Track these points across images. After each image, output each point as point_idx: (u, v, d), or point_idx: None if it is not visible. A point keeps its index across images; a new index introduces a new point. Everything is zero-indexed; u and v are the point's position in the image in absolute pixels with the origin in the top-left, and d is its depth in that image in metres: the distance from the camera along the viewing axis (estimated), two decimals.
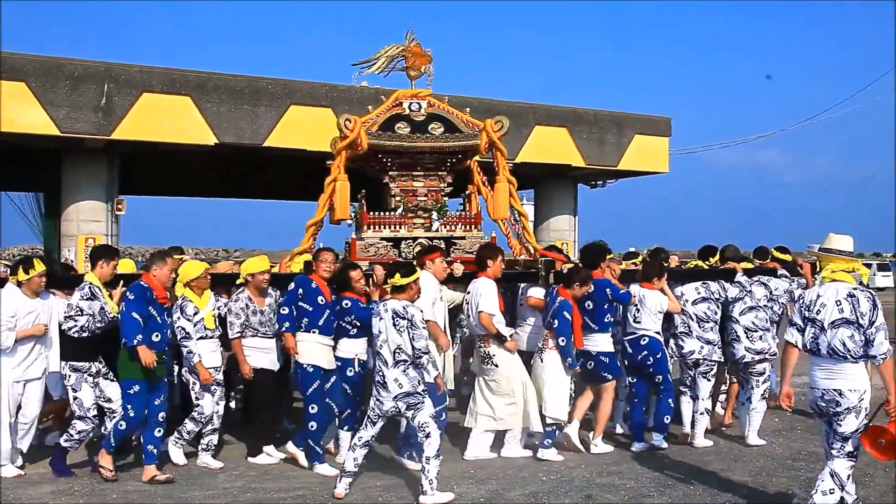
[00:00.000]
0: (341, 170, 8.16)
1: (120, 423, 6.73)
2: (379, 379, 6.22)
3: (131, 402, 6.69)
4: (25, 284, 6.82)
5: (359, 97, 20.37)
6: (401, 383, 6.13)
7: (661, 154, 25.53)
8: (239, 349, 7.21)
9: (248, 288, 7.28)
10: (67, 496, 6.30)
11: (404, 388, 6.13)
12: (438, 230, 8.29)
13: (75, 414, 6.88)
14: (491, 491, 6.36)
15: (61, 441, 6.90)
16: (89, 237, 18.77)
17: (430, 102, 8.59)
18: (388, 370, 6.15)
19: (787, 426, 8.63)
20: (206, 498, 6.24)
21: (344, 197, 8.10)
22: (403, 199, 8.28)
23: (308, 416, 6.98)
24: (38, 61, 17.20)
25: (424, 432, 6.11)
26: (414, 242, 8.15)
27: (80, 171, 19.04)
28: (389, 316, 6.19)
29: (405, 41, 8.65)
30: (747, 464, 7.14)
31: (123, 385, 6.75)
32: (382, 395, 6.17)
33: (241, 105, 18.89)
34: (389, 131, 8.18)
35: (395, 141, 8.11)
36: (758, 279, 8.38)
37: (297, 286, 7.11)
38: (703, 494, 6.28)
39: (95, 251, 7.20)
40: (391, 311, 6.21)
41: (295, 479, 6.76)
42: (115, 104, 17.66)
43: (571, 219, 26.32)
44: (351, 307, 7.13)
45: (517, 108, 22.43)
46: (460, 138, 8.33)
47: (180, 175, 24.00)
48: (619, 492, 6.32)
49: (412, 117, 8.35)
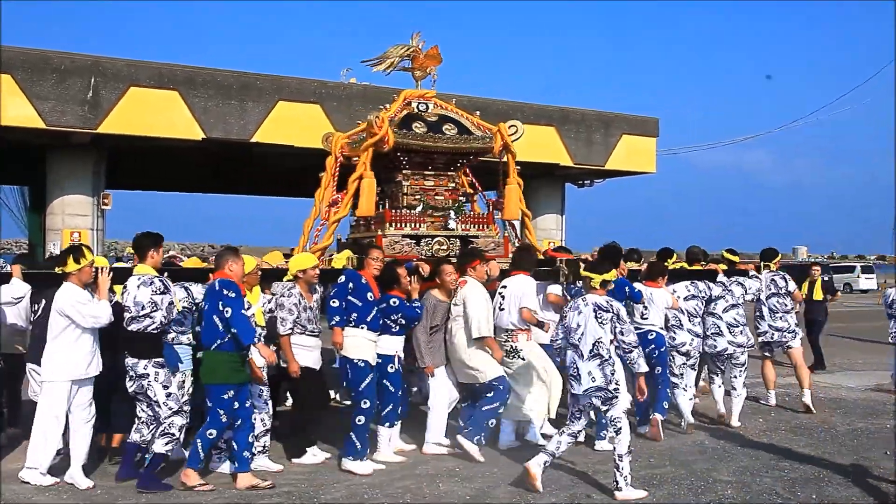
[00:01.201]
0: (367, 166, 8.21)
1: (209, 430, 6.32)
2: (573, 372, 6.34)
3: (223, 408, 6.30)
4: (75, 275, 6.37)
5: (347, 94, 20.37)
6: (594, 377, 6.25)
7: (648, 154, 25.66)
8: (288, 346, 6.96)
9: (298, 284, 7.15)
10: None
11: (597, 381, 6.24)
12: (455, 229, 8.59)
13: (165, 413, 6.37)
14: (476, 489, 6.37)
15: (158, 448, 6.32)
16: (74, 231, 18.69)
17: (437, 103, 8.81)
18: (582, 363, 6.28)
19: (772, 427, 8.68)
20: (190, 495, 6.21)
21: (371, 193, 8.20)
22: (423, 198, 8.52)
23: (359, 410, 6.90)
24: (25, 54, 17.11)
25: (616, 427, 6.24)
26: (432, 240, 8.41)
27: (66, 164, 18.96)
28: (590, 310, 6.33)
29: (410, 41, 8.79)
30: (732, 463, 7.18)
31: (215, 390, 6.35)
32: (575, 388, 6.31)
33: (228, 100, 18.85)
34: (406, 129, 8.31)
35: (417, 140, 8.32)
36: (735, 279, 9.16)
37: (347, 280, 7.11)
38: (687, 494, 6.30)
39: (141, 241, 6.61)
40: (592, 304, 6.36)
41: (281, 475, 6.73)
42: (101, 98, 17.58)
43: (559, 218, 26.41)
44: (398, 305, 7.19)
45: (505, 107, 22.46)
46: (476, 140, 8.66)
47: (167, 170, 23.90)
48: (603, 491, 6.34)
49: (425, 117, 8.56)
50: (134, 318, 6.33)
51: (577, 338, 6.34)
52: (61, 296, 6.30)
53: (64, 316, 6.28)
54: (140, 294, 6.33)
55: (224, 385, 6.33)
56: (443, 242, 8.43)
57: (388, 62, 8.82)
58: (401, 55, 8.80)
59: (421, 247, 8.33)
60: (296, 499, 6.12)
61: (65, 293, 6.31)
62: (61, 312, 6.28)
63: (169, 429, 6.34)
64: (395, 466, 7.00)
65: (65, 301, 6.27)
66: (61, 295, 6.31)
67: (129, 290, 6.40)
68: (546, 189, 25.31)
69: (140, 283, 6.37)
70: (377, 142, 8.14)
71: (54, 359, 6.33)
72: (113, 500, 6.10)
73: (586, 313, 6.35)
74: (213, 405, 6.34)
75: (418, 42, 8.85)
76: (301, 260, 7.29)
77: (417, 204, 8.50)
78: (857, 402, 10.19)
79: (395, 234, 8.21)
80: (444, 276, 7.43)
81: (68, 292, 6.32)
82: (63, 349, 6.32)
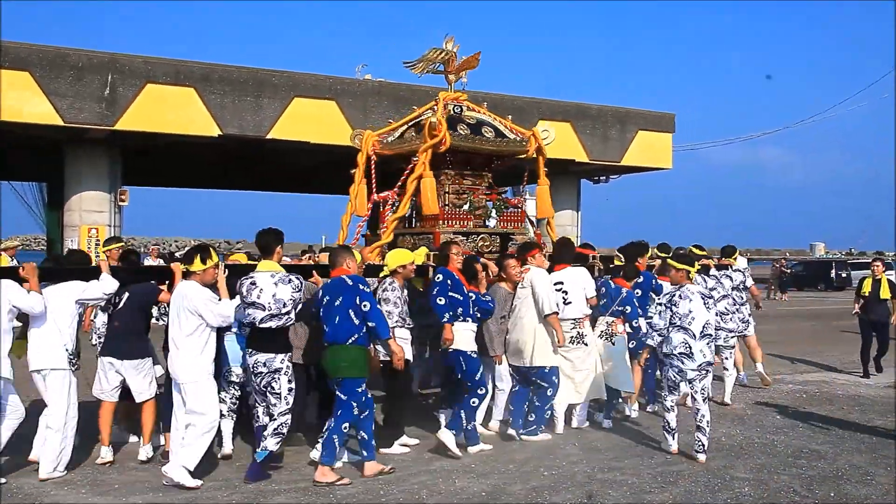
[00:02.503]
0: (426, 167, 8.58)
1: (344, 424, 6.43)
2: (684, 350, 7.20)
3: (357, 400, 6.45)
4: (199, 274, 6.43)
5: (362, 90, 20.39)
6: (704, 353, 7.21)
7: (664, 150, 25.53)
8: (394, 340, 6.93)
9: (396, 278, 7.42)
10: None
11: (707, 357, 7.23)
12: (495, 226, 9.15)
13: (282, 408, 6.44)
14: (492, 485, 6.36)
15: (271, 446, 6.42)
16: (92, 227, 18.81)
17: (469, 106, 9.22)
18: (694, 342, 7.20)
19: (790, 424, 8.63)
20: (206, 489, 6.23)
21: (433, 193, 8.57)
22: (470, 197, 9.02)
23: (477, 395, 7.30)
24: (43, 51, 17.21)
25: (704, 395, 7.25)
26: (477, 237, 8.89)
27: (83, 161, 19.08)
28: (699, 297, 7.29)
29: (444, 45, 9.17)
30: (749, 460, 7.14)
31: (351, 383, 6.46)
32: (686, 364, 7.20)
33: (244, 97, 18.90)
34: (452, 131, 8.63)
35: (466, 142, 8.75)
36: (724, 273, 10.24)
37: (445, 278, 7.36)
38: (703, 491, 6.27)
39: (267, 238, 6.69)
40: (698, 293, 7.34)
41: (297, 470, 6.76)
42: (118, 94, 17.68)
43: (574, 214, 26.34)
44: (476, 299, 7.51)
45: (521, 103, 22.43)
46: (514, 143, 9.16)
47: (183, 166, 24.02)
48: (620, 487, 6.31)
49: (466, 120, 8.96)
50: (274, 314, 6.40)
51: (688, 322, 7.21)
52: (193, 294, 6.34)
53: (197, 315, 6.34)
54: (280, 291, 6.41)
55: (360, 378, 6.52)
56: (486, 239, 8.95)
57: (423, 65, 9.16)
58: (436, 59, 9.13)
59: (468, 243, 8.71)
60: (311, 495, 6.12)
61: (195, 292, 6.36)
62: (195, 311, 6.33)
63: (281, 428, 6.43)
64: (409, 462, 7.01)
65: (198, 300, 6.33)
66: (192, 294, 6.35)
67: (264, 287, 6.41)
68: (561, 185, 25.22)
69: (277, 280, 6.44)
70: (436, 143, 8.51)
71: (196, 359, 6.37)
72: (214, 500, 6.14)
73: (695, 300, 7.24)
74: (348, 398, 6.44)
75: (452, 46, 9.19)
76: (400, 256, 7.50)
77: (460, 202, 8.97)
78: (875, 399, 10.10)
79: (449, 231, 8.62)
80: (509, 269, 7.79)
81: (198, 291, 6.38)
82: (199, 347, 6.39)
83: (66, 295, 6.60)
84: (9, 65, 16.66)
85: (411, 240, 8.96)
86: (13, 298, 6.34)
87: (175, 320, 6.41)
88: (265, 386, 6.48)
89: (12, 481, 6.38)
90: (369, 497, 6.08)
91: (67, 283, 6.66)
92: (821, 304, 28.46)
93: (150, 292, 7.06)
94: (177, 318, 6.39)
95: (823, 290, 37.56)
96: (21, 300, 6.35)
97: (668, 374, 7.39)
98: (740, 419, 8.82)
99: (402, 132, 9.35)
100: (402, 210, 8.76)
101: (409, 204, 8.88)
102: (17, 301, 6.35)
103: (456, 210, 8.92)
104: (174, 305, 6.46)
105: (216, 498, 6.03)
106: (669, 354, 7.32)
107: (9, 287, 6.35)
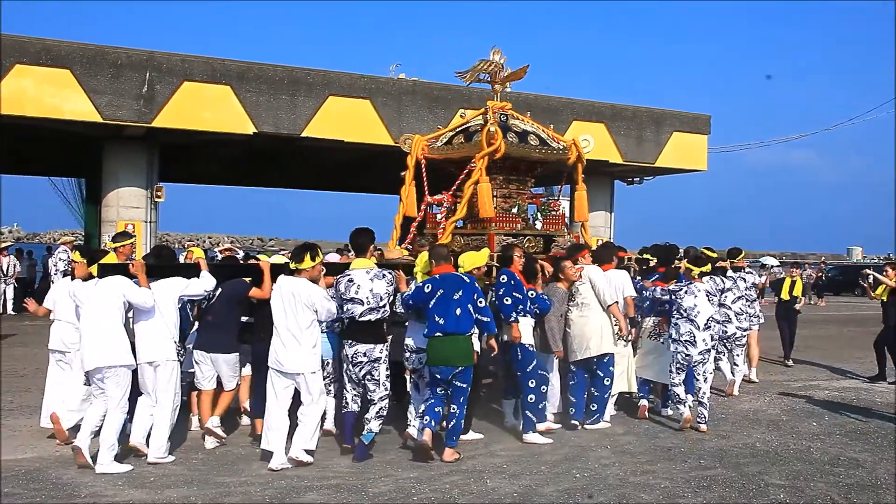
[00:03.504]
0: (483, 173, 9.03)
1: (465, 407, 7.13)
2: (689, 338, 8.34)
3: (470, 386, 7.16)
4: (308, 271, 6.85)
5: (396, 89, 20.43)
6: (706, 341, 8.38)
7: (699, 151, 25.26)
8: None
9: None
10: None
11: (708, 345, 8.41)
12: (540, 229, 9.77)
13: (381, 394, 7.10)
14: (525, 486, 6.34)
15: (375, 428, 7.06)
16: (129, 223, 19.04)
17: (513, 115, 9.69)
18: (698, 332, 8.32)
19: (826, 430, 8.50)
20: (239, 484, 6.29)
21: (489, 197, 9.04)
22: (518, 201, 9.54)
23: (528, 390, 7.78)
24: (83, 49, 17.45)
25: (705, 377, 8.45)
26: (524, 239, 9.30)
27: (121, 157, 19.32)
28: (703, 294, 8.44)
29: (491, 56, 9.66)
30: (784, 467, 7.04)
31: (470, 371, 7.10)
32: (690, 350, 8.35)
33: (280, 95, 19.00)
34: (503, 139, 9.06)
35: (517, 150, 9.20)
36: (739, 275, 10.90)
37: (509, 279, 7.81)
38: (738, 497, 6.19)
39: (362, 237, 7.35)
40: (704, 291, 8.48)
41: (328, 468, 6.79)
42: (156, 92, 17.87)
43: (608, 215, 26.15)
44: (536, 297, 7.95)
45: (556, 104, 22.33)
46: (557, 152, 9.64)
47: (218, 163, 24.21)
48: (653, 491, 6.26)
49: (513, 128, 9.39)
50: (373, 308, 7.02)
51: (694, 314, 8.31)
52: (308, 290, 6.75)
53: (313, 310, 6.74)
54: (376, 286, 7.05)
55: (472, 366, 7.16)
56: (531, 240, 9.41)
57: (471, 74, 9.67)
58: (486, 70, 9.65)
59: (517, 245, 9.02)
60: (344, 492, 6.15)
61: (310, 288, 6.78)
62: (311, 306, 6.73)
63: (382, 411, 7.12)
64: (440, 461, 7.00)
65: (315, 296, 6.76)
66: (307, 290, 6.75)
67: (361, 283, 7.02)
68: (595, 186, 25.04)
69: (373, 276, 7.08)
70: (493, 151, 8.97)
71: (313, 350, 6.82)
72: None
73: (700, 296, 8.38)
74: (466, 385, 7.10)
75: (500, 58, 9.71)
76: (476, 258, 7.77)
77: (507, 205, 9.46)
78: None
79: (500, 233, 9.10)
80: (567, 270, 8.33)
81: (313, 288, 6.81)
82: (315, 340, 6.83)
83: (170, 290, 7.04)
84: (50, 63, 16.93)
85: (461, 240, 9.34)
86: (127, 293, 6.77)
87: (287, 315, 6.75)
88: (364, 375, 7.10)
89: (52, 472, 6.49)
90: (401, 496, 6.09)
91: (170, 279, 7.10)
92: (857, 308, 28.01)
93: (242, 289, 7.48)
94: (291, 312, 6.74)
95: (860, 295, 36.96)
96: (135, 295, 6.79)
97: (677, 356, 8.41)
98: (776, 425, 8.71)
99: (451, 138, 9.74)
100: (460, 213, 9.18)
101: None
102: (131, 296, 6.78)
103: (504, 213, 9.39)
104: (281, 301, 6.80)
105: (249, 493, 6.08)
106: (677, 340, 8.41)
107: (123, 283, 6.80)
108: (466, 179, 9.14)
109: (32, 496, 5.92)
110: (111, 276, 6.82)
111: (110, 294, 6.73)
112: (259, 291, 7.36)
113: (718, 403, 9.84)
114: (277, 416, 6.81)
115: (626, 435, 8.13)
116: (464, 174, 9.21)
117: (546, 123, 10.00)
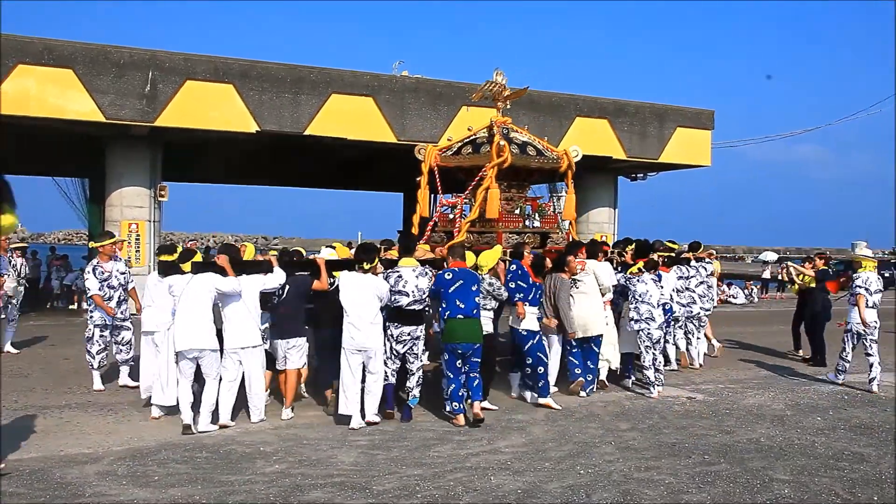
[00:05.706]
0: (492, 180, 10.38)
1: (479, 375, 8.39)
2: (648, 315, 9.92)
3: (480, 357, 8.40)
4: (374, 268, 8.22)
5: (399, 87, 20.41)
6: (661, 317, 10.07)
7: (703, 147, 25.16)
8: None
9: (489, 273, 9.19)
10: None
11: (659, 321, 10.03)
12: (538, 227, 11.01)
13: (418, 364, 8.48)
14: (528, 483, 6.34)
15: (416, 393, 8.51)
16: (133, 222, 19.06)
17: (513, 128, 11.12)
18: (654, 310, 9.92)
19: (830, 425, 8.50)
20: (244, 482, 6.30)
21: (497, 201, 10.36)
22: (519, 203, 10.92)
23: (532, 367, 9.21)
24: (85, 49, 17.45)
25: (660, 347, 10.12)
26: (524, 235, 10.60)
27: (124, 157, 19.33)
28: (650, 281, 10.03)
29: (494, 77, 11.01)
30: (788, 462, 7.04)
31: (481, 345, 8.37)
32: (650, 325, 9.94)
33: (282, 93, 18.99)
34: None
35: (521, 160, 10.58)
36: (700, 264, 12.59)
37: (517, 269, 9.31)
38: (742, 492, 6.19)
39: (408, 238, 8.99)
40: (650, 279, 10.03)
41: (333, 465, 6.79)
42: (159, 91, 17.87)
43: (611, 211, 26.10)
44: (538, 286, 9.36)
45: (559, 100, 22.27)
46: (551, 161, 11.10)
47: (221, 162, 24.21)
48: (657, 487, 6.26)
49: (514, 140, 10.81)
50: (418, 300, 8.33)
51: (647, 297, 9.93)
52: (380, 284, 8.15)
53: (380, 300, 8.11)
54: (420, 283, 8.35)
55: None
56: (530, 237, 10.74)
57: (478, 94, 11.30)
58: (488, 90, 11.10)
59: (517, 240, 10.41)
60: (348, 489, 6.16)
61: (382, 283, 8.19)
62: (381, 297, 8.12)
63: (420, 379, 8.56)
64: (445, 459, 7.02)
65: (384, 290, 8.15)
66: (379, 284, 8.15)
67: (408, 279, 8.31)
68: (599, 182, 25.06)
69: (418, 273, 8.39)
70: (501, 162, 10.34)
71: (380, 331, 8.18)
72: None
73: (650, 283, 10.01)
74: (479, 358, 8.38)
75: (502, 79, 11.08)
76: (494, 255, 9.23)
77: (510, 207, 10.79)
78: None
79: (506, 231, 10.50)
80: (572, 264, 9.62)
81: (379, 281, 8.19)
82: (381, 323, 8.18)
83: (252, 284, 8.16)
84: (53, 62, 16.94)
85: (471, 237, 10.51)
86: (218, 283, 7.94)
87: (361, 304, 8.03)
88: (406, 350, 8.43)
89: (56, 472, 6.50)
90: (405, 493, 6.10)
91: (251, 275, 8.20)
92: None
93: (307, 283, 8.61)
94: (364, 302, 8.04)
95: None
96: (224, 284, 7.95)
97: (641, 335, 9.97)
98: (780, 420, 8.71)
99: (459, 148, 11.09)
100: (473, 214, 10.49)
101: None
102: (222, 285, 7.94)
103: (508, 214, 10.76)
104: (352, 291, 8.07)
105: (254, 492, 6.09)
106: (639, 320, 9.94)
107: (213, 276, 7.97)
108: (477, 186, 10.48)
109: (37, 496, 5.93)
110: (203, 272, 7.99)
111: (203, 287, 7.90)
112: (319, 283, 8.56)
113: (723, 399, 9.85)
114: (353, 387, 8.03)
115: (630, 431, 8.13)
116: (474, 182, 10.52)
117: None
